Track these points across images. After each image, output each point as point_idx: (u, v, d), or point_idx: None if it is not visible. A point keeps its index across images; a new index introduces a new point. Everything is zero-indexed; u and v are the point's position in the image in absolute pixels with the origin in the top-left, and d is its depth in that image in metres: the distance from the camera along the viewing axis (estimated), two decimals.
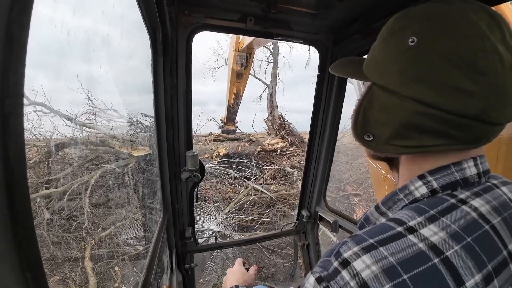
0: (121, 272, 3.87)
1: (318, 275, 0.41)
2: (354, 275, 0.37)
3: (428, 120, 0.43)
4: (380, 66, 0.49)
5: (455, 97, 0.41)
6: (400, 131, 0.46)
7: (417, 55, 0.43)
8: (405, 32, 0.45)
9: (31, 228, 0.27)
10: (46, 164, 4.57)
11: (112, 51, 2.54)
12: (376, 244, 0.39)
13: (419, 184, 0.47)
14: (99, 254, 3.94)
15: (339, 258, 0.40)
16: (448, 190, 0.45)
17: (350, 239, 0.42)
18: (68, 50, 2.36)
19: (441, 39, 0.41)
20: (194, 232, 1.67)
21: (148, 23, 1.05)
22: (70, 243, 3.98)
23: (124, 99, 4.71)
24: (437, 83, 0.41)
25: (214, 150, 7.03)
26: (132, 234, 4.23)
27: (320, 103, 1.67)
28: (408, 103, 0.44)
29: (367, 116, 0.51)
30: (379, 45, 0.51)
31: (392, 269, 0.36)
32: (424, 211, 0.42)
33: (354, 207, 5.52)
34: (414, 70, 0.43)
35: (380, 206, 0.52)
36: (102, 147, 4.73)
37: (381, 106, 0.48)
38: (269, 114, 9.39)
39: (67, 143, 4.63)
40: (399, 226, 0.40)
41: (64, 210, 4.08)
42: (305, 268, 2.04)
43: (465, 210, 0.41)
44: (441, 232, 0.38)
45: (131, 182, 4.40)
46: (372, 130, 0.51)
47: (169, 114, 1.29)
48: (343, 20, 1.33)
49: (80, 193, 4.26)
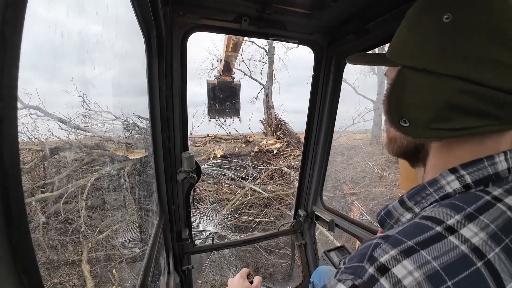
0: (118, 274, 3.84)
1: (351, 284, 0.37)
2: (395, 283, 0.34)
3: (473, 99, 0.41)
4: (412, 48, 0.46)
5: (498, 71, 0.39)
6: (442, 113, 0.43)
7: (455, 32, 0.41)
8: (438, 10, 0.43)
9: (27, 232, 0.27)
10: (42, 168, 4.52)
11: (106, 52, 2.53)
12: (417, 247, 0.36)
13: (451, 178, 0.44)
14: (96, 257, 3.91)
15: (375, 263, 0.37)
16: (480, 186, 0.43)
17: (383, 240, 0.39)
18: (61, 52, 2.34)
19: (477, 14, 0.40)
20: (191, 233, 1.66)
21: (143, 24, 1.04)
22: (67, 247, 3.94)
23: (118, 100, 4.68)
24: (478, 58, 0.40)
25: (211, 151, 6.97)
26: (128, 237, 4.20)
27: (316, 103, 1.68)
28: (449, 81, 0.42)
29: (401, 101, 0.48)
30: (407, 28, 0.48)
31: (436, 275, 0.33)
32: (461, 209, 0.39)
33: (351, 205, 5.54)
34: (453, 47, 0.41)
35: (405, 200, 0.49)
36: (97, 150, 4.69)
37: (417, 88, 0.45)
38: (265, 114, 9.37)
39: (62, 146, 4.59)
40: (438, 226, 0.38)
41: (60, 213, 4.04)
42: (303, 267, 2.04)
43: (501, 209, 0.39)
44: (481, 232, 0.36)
45: (127, 184, 4.37)
46: (408, 116, 0.47)
47: (164, 115, 1.28)
48: (337, 20, 1.34)
49: (76, 196, 4.23)
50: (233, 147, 7.43)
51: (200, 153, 6.94)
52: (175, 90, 1.31)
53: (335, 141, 7.37)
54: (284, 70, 12.80)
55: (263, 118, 9.27)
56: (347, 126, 7.56)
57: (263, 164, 6.84)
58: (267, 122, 9.01)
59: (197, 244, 1.75)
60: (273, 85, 10.40)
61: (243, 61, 10.46)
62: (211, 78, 8.10)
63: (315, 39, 1.50)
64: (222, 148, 7.26)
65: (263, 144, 7.52)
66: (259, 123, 9.23)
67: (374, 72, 10.00)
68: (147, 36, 1.11)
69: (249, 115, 13.19)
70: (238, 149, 7.30)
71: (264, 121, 9.13)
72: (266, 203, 5.89)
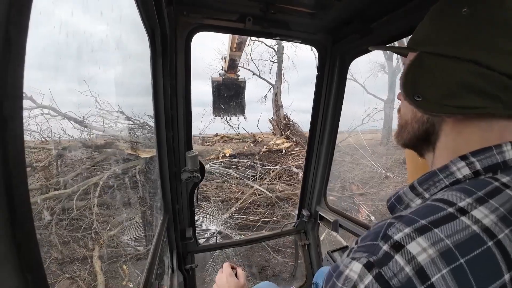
0: (128, 270, 3.91)
1: (366, 261, 0.38)
2: (409, 260, 0.35)
3: (481, 80, 0.45)
4: (432, 36, 0.52)
5: (506, 59, 0.44)
6: (453, 90, 0.48)
7: (470, 22, 0.47)
8: (458, 4, 0.49)
9: (32, 230, 0.27)
10: (55, 166, 4.63)
11: (112, 52, 2.56)
12: (430, 226, 0.37)
13: (462, 164, 0.47)
14: (107, 253, 3.99)
15: (389, 241, 0.38)
16: (489, 173, 0.45)
17: (396, 220, 0.40)
18: (67, 52, 2.38)
19: (490, 9, 0.46)
20: (194, 232, 1.67)
21: (147, 24, 1.06)
22: (79, 242, 4.03)
23: (125, 100, 4.77)
24: (490, 46, 0.45)
25: (219, 151, 7.01)
26: (134, 235, 4.27)
27: (320, 103, 1.67)
28: (462, 64, 0.47)
29: (417, 78, 0.52)
30: (430, 19, 0.54)
31: (449, 252, 0.35)
32: (471, 192, 0.41)
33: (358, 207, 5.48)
34: (469, 35, 0.47)
35: (416, 186, 0.51)
36: (109, 149, 4.79)
37: (433, 69, 0.50)
38: (274, 114, 9.35)
39: (74, 145, 4.70)
40: (450, 207, 0.39)
41: (73, 210, 4.14)
42: (306, 268, 2.03)
43: (510, 194, 0.40)
44: (491, 214, 0.38)
45: (138, 183, 4.44)
46: (422, 91, 0.51)
47: (168, 115, 1.29)
48: (341, 19, 1.33)
49: (88, 193, 4.32)
50: (242, 146, 7.45)
51: (209, 152, 6.98)
52: (179, 90, 1.32)
53: (344, 141, 7.31)
54: (293, 69, 12.72)
55: (271, 118, 9.25)
56: (357, 126, 7.49)
57: (272, 163, 6.83)
58: (275, 121, 8.98)
59: (200, 243, 1.76)
60: (282, 85, 10.37)
61: (252, 61, 10.46)
62: (216, 76, 8.11)
63: (319, 38, 1.49)
64: (231, 147, 7.28)
65: (272, 143, 7.51)
66: (267, 123, 9.23)
67: (385, 71, 9.86)
68: (152, 36, 1.12)
69: (258, 115, 13.17)
70: (247, 149, 7.31)
71: (273, 121, 9.10)
72: (274, 202, 5.88)
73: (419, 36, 0.55)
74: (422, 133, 0.56)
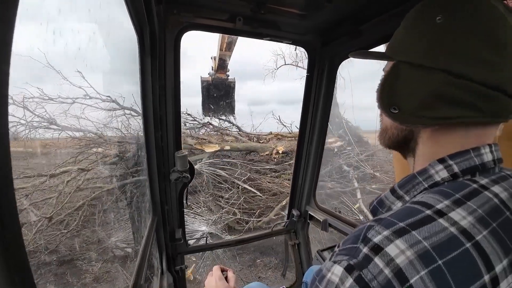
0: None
1: (347, 264, 0.38)
2: (388, 262, 0.36)
3: (456, 90, 0.45)
4: (407, 44, 0.52)
5: (480, 67, 0.43)
6: (428, 102, 0.47)
7: (445, 31, 0.46)
8: (432, 11, 0.48)
9: (18, 232, 0.27)
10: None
11: (98, 50, 2.48)
12: (408, 228, 0.38)
13: (440, 167, 0.47)
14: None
15: (369, 243, 0.38)
16: (468, 175, 0.46)
17: (376, 223, 0.41)
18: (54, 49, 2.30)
19: (466, 18, 0.45)
20: (184, 233, 1.66)
21: (136, 22, 1.04)
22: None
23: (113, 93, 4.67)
24: (463, 55, 0.44)
25: (273, 148, 7.28)
26: (122, 236, 4.18)
27: (309, 104, 1.68)
28: (436, 74, 0.46)
29: (393, 89, 0.52)
30: (405, 28, 0.54)
31: (427, 254, 0.35)
32: (449, 195, 0.41)
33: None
34: (442, 44, 0.46)
35: (396, 189, 0.52)
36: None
37: (408, 79, 0.50)
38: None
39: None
40: (427, 209, 0.40)
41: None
42: (296, 267, 2.05)
43: (488, 196, 0.41)
44: (469, 216, 0.38)
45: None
46: (398, 103, 0.51)
47: (157, 114, 1.27)
48: (331, 21, 1.34)
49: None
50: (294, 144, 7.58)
51: (264, 149, 7.27)
52: (168, 90, 1.30)
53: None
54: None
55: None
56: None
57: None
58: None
59: (190, 244, 1.74)
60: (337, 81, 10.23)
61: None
62: (205, 76, 8.06)
63: (309, 39, 1.50)
64: (284, 144, 7.45)
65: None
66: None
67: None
68: (140, 34, 1.10)
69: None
70: None
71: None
72: None
73: (395, 43, 0.55)
74: (401, 139, 0.57)
